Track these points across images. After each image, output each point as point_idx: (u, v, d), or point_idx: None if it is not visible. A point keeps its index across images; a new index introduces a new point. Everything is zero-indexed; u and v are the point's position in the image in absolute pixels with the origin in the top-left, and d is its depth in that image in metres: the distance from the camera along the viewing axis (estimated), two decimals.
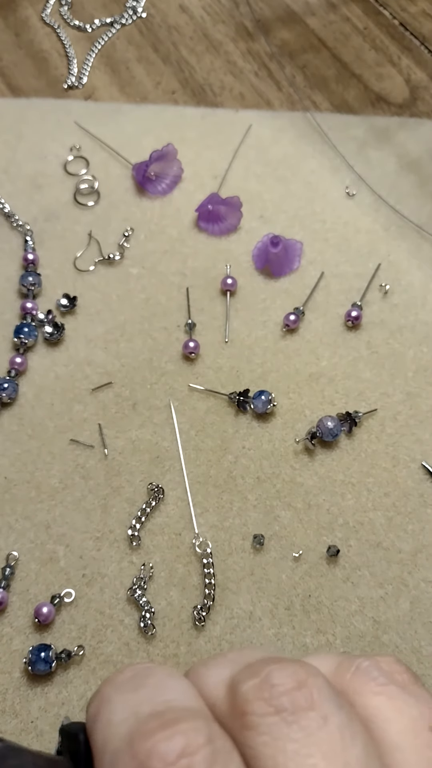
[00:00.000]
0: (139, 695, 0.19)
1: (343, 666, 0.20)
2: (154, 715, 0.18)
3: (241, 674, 0.19)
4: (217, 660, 0.20)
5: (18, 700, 0.39)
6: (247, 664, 0.19)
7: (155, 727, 0.17)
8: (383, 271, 0.51)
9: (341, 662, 0.20)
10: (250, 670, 0.19)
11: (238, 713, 0.18)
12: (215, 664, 0.20)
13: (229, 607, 0.41)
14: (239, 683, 0.18)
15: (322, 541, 0.43)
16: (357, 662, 0.20)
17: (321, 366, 0.48)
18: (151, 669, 0.20)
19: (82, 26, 0.63)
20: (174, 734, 0.17)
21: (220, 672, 0.20)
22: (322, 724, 0.17)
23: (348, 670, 0.20)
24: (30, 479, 0.45)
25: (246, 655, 0.20)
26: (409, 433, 0.46)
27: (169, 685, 0.19)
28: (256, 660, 0.19)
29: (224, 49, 0.62)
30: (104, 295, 0.51)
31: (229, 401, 0.47)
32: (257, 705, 0.18)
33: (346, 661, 0.20)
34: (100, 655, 0.40)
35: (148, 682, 0.19)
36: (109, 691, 0.19)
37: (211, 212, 0.52)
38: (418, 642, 0.40)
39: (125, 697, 0.19)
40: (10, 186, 0.55)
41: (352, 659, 0.20)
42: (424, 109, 0.58)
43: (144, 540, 0.43)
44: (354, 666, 0.20)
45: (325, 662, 0.21)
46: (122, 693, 0.19)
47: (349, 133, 0.57)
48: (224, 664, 0.20)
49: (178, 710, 0.18)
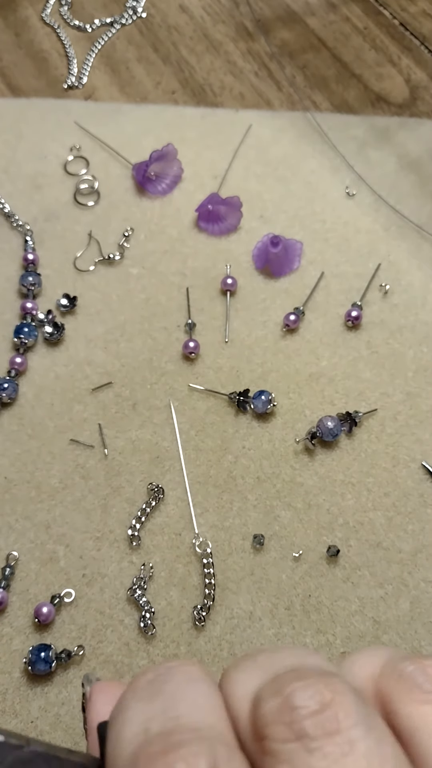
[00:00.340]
0: (153, 706, 0.18)
1: (387, 670, 0.19)
2: (161, 735, 0.17)
3: (265, 690, 0.18)
4: (246, 664, 0.19)
5: (18, 700, 0.39)
6: (274, 676, 0.18)
7: (158, 751, 0.16)
8: (383, 271, 0.51)
9: (385, 665, 0.19)
10: (274, 686, 0.18)
11: (258, 736, 0.17)
12: (245, 668, 0.19)
13: (229, 607, 0.41)
14: (261, 701, 0.17)
15: (322, 541, 0.43)
16: (401, 667, 0.19)
17: (321, 366, 0.48)
18: (172, 672, 0.19)
19: (82, 26, 0.63)
20: (175, 761, 0.16)
21: (248, 680, 0.19)
22: (348, 751, 0.16)
23: (391, 675, 0.19)
24: (30, 479, 0.45)
25: (276, 660, 0.19)
26: (409, 433, 0.46)
27: (186, 694, 0.18)
28: (285, 669, 0.18)
29: (224, 49, 0.62)
30: (104, 295, 0.51)
31: (229, 401, 0.47)
32: (277, 730, 0.17)
33: (390, 665, 0.19)
34: (100, 655, 0.40)
35: (165, 689, 0.18)
36: (128, 697, 0.19)
37: (211, 212, 0.52)
38: (418, 642, 0.40)
39: (140, 706, 0.18)
40: (10, 186, 0.55)
41: (396, 662, 0.19)
42: (424, 109, 0.58)
43: (144, 540, 0.43)
44: (397, 672, 0.19)
45: (369, 664, 0.20)
46: (138, 701, 0.18)
47: (349, 133, 0.57)
48: (253, 671, 0.19)
49: (185, 730, 0.17)
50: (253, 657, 0.19)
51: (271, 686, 0.18)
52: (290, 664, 0.18)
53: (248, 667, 0.19)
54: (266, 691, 0.18)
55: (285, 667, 0.18)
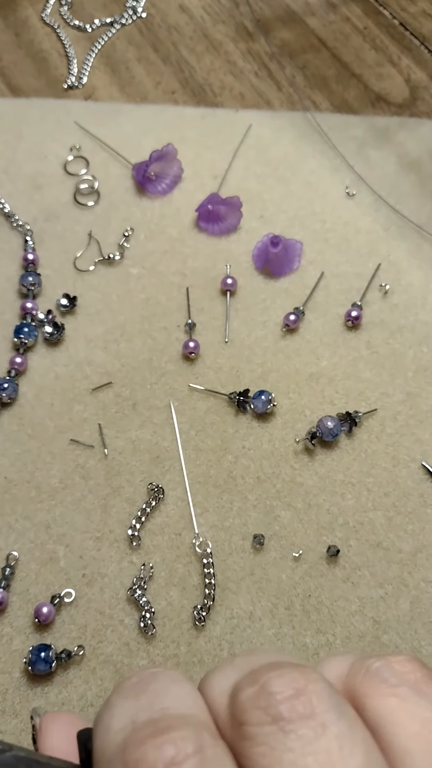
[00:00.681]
0: (139, 701, 0.19)
1: (355, 668, 0.20)
2: (149, 723, 0.18)
3: (242, 682, 0.18)
4: (225, 666, 0.20)
5: (18, 700, 0.39)
6: (251, 671, 0.19)
7: (147, 735, 0.17)
8: (383, 271, 0.51)
9: (354, 664, 0.20)
10: (250, 677, 0.18)
11: (237, 723, 0.18)
12: (222, 670, 0.20)
13: (229, 607, 0.41)
14: (239, 691, 0.18)
15: (322, 541, 0.43)
16: (368, 663, 0.20)
17: (321, 366, 0.48)
18: (156, 674, 0.20)
19: (82, 26, 0.63)
20: (164, 743, 0.17)
21: (226, 678, 0.19)
22: (321, 733, 0.17)
23: (359, 672, 0.19)
24: (30, 479, 0.45)
25: (252, 660, 0.20)
26: (409, 433, 0.46)
27: (170, 691, 0.19)
28: (260, 666, 0.19)
29: (224, 49, 0.62)
30: (104, 295, 0.51)
31: (229, 401, 0.47)
32: (254, 714, 0.18)
33: (358, 663, 0.20)
34: (100, 655, 0.40)
35: (150, 688, 0.19)
36: (114, 697, 0.19)
37: (211, 212, 0.52)
38: (418, 642, 0.40)
39: (126, 703, 0.19)
40: (10, 186, 0.55)
41: (363, 660, 0.20)
42: (424, 109, 0.58)
43: (144, 540, 0.43)
44: (364, 668, 0.19)
45: (338, 665, 0.20)
46: (124, 699, 0.19)
47: (349, 133, 0.57)
48: (231, 670, 0.20)
49: (172, 718, 0.18)
50: (231, 660, 0.20)
51: (248, 678, 0.18)
52: (265, 661, 0.19)
53: (226, 668, 0.20)
54: (244, 682, 0.18)
55: (260, 663, 0.19)
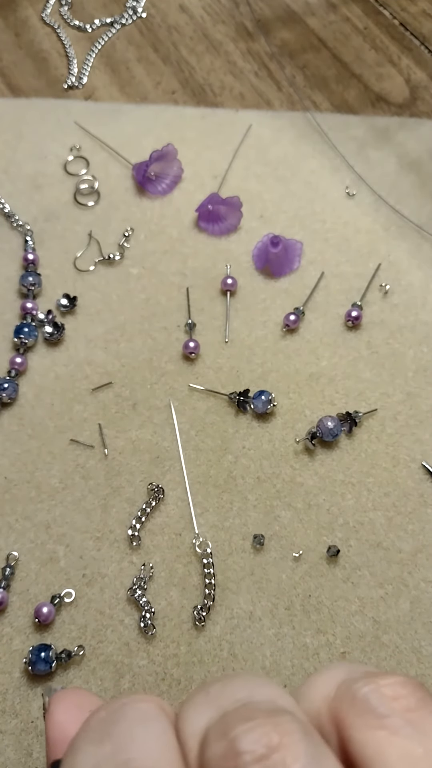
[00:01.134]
0: (103, 748, 0.17)
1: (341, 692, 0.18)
2: None
3: (212, 732, 0.17)
4: (198, 698, 0.19)
5: (18, 700, 0.39)
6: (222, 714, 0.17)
7: None
8: (383, 271, 0.51)
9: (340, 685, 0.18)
10: (221, 727, 0.17)
11: None
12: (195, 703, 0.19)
13: (229, 607, 0.41)
14: (207, 745, 0.17)
15: (322, 541, 0.43)
16: (355, 688, 0.18)
17: (321, 366, 0.48)
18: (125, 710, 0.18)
19: (82, 26, 0.63)
20: None
21: (198, 716, 0.18)
22: None
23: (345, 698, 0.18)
24: (30, 479, 0.45)
25: (227, 693, 0.18)
26: (409, 433, 0.46)
27: (136, 737, 0.18)
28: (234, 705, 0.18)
29: (224, 49, 0.62)
30: (104, 295, 0.51)
31: (229, 401, 0.47)
32: None
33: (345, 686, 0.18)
34: (100, 655, 0.40)
35: (114, 732, 0.18)
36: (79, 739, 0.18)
37: (211, 212, 0.52)
38: (418, 642, 0.40)
39: (90, 749, 0.18)
40: (10, 186, 0.55)
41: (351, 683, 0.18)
42: (424, 109, 0.58)
43: (144, 540, 0.43)
44: (351, 693, 0.18)
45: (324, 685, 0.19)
46: (88, 743, 0.18)
47: (349, 133, 0.57)
48: (204, 706, 0.18)
49: None
50: (206, 689, 0.19)
51: (218, 727, 0.17)
52: (241, 697, 0.18)
53: (200, 701, 0.19)
54: (213, 733, 0.17)
55: (235, 701, 0.18)
